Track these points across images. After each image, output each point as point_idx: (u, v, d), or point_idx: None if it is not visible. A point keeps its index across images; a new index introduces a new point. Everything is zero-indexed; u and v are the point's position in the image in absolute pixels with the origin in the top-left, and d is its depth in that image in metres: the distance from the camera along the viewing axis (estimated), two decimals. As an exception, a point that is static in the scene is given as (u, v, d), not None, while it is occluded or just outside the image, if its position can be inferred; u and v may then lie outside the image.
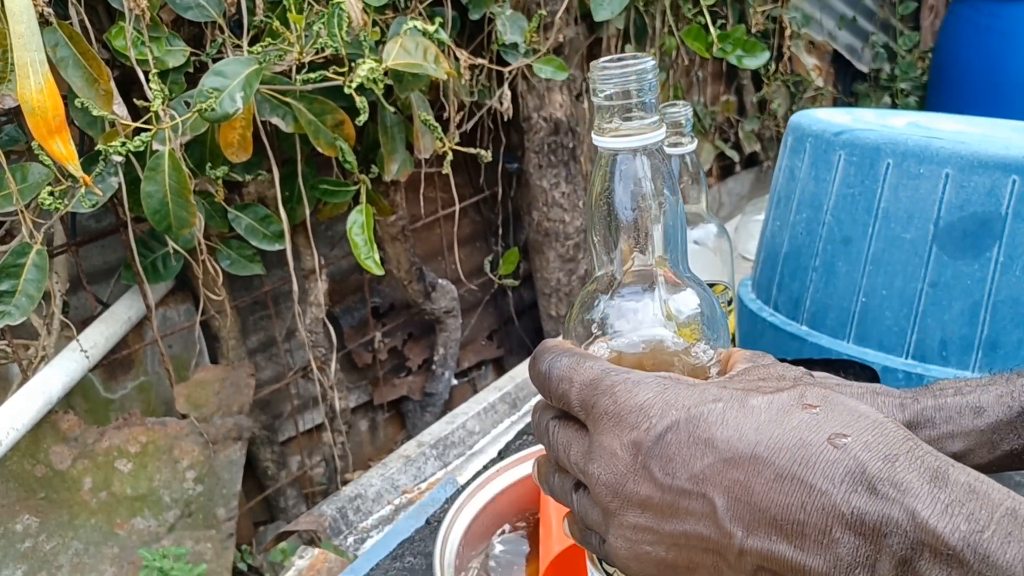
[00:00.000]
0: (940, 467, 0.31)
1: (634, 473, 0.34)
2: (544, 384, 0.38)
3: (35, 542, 1.26)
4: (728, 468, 0.32)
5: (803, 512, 0.31)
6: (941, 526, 0.29)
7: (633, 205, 0.38)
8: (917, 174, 0.73)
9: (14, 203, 1.07)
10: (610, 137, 0.37)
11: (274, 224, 1.31)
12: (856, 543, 0.30)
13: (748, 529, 0.32)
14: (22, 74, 0.97)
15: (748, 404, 0.33)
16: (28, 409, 1.15)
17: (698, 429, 0.33)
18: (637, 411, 0.34)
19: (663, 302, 0.39)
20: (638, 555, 0.35)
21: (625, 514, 0.35)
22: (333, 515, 0.93)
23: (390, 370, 1.78)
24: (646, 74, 0.35)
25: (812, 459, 0.31)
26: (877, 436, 0.32)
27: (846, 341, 0.79)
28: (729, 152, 2.25)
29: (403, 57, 1.18)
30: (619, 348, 0.39)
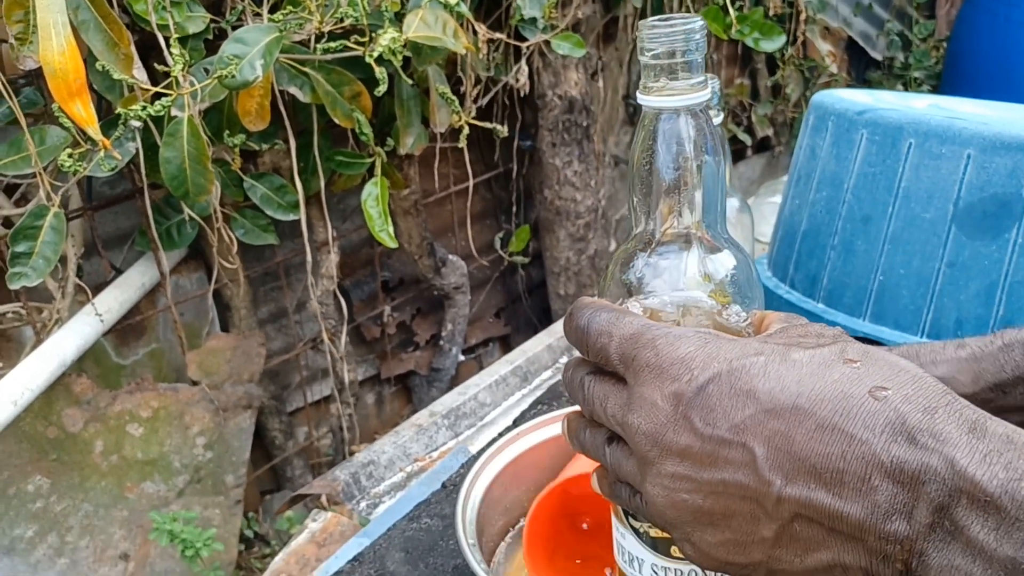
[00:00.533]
0: (978, 419, 0.31)
1: (674, 423, 0.35)
2: (582, 338, 0.39)
3: (46, 503, 1.27)
4: (769, 418, 0.33)
5: (843, 461, 0.32)
6: (979, 474, 0.29)
7: (675, 165, 0.38)
8: (939, 154, 0.74)
9: (33, 165, 1.08)
10: (655, 96, 0.37)
11: (289, 194, 1.32)
12: (894, 491, 0.31)
13: (787, 477, 0.33)
14: (44, 36, 0.97)
15: (790, 358, 0.34)
16: (42, 371, 1.16)
17: (740, 381, 0.34)
18: (679, 363, 0.35)
19: (701, 263, 0.40)
20: (675, 503, 0.35)
21: (664, 463, 0.35)
22: (346, 480, 0.94)
23: (398, 344, 1.79)
24: (694, 34, 0.36)
25: (853, 410, 0.32)
26: (917, 389, 0.32)
27: (862, 319, 0.80)
28: (742, 136, 2.24)
29: (423, 30, 1.18)
30: (654, 307, 0.40)
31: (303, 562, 0.88)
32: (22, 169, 1.10)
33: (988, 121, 0.74)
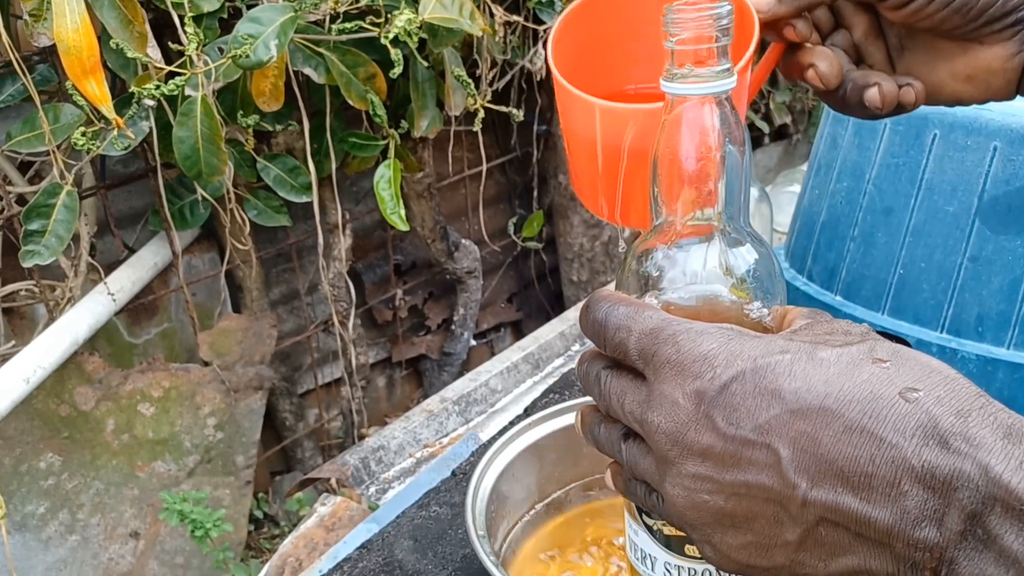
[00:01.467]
0: (1014, 423, 0.30)
1: (696, 422, 0.34)
2: (599, 332, 0.38)
3: (58, 480, 1.28)
4: (795, 419, 0.32)
5: (872, 464, 0.31)
6: (1015, 481, 0.28)
7: (698, 155, 0.37)
8: (964, 146, 0.72)
9: (46, 143, 1.08)
10: (679, 83, 0.36)
11: (302, 176, 1.31)
12: (925, 496, 0.30)
13: (813, 480, 0.32)
14: (59, 12, 0.97)
15: (817, 356, 0.33)
16: (54, 349, 1.16)
17: (764, 380, 0.33)
18: (701, 360, 0.34)
19: (722, 256, 0.39)
20: (695, 504, 0.35)
21: (684, 463, 0.34)
22: (356, 465, 0.94)
23: (409, 328, 1.79)
24: (722, 19, 0.35)
25: (883, 412, 0.31)
26: (949, 391, 0.31)
27: (881, 313, 0.79)
28: (759, 123, 2.22)
29: (439, 11, 1.17)
30: (674, 300, 0.39)
31: (311, 546, 0.88)
32: (36, 147, 1.09)
33: (1016, 113, 0.72)
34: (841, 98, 0.48)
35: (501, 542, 0.60)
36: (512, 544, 0.62)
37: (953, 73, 0.48)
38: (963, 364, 0.74)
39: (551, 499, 0.66)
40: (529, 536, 0.63)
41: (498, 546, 0.60)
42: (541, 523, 0.65)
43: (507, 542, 0.61)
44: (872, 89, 0.47)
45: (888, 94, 0.47)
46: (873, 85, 0.47)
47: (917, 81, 0.49)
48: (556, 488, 0.66)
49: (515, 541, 0.62)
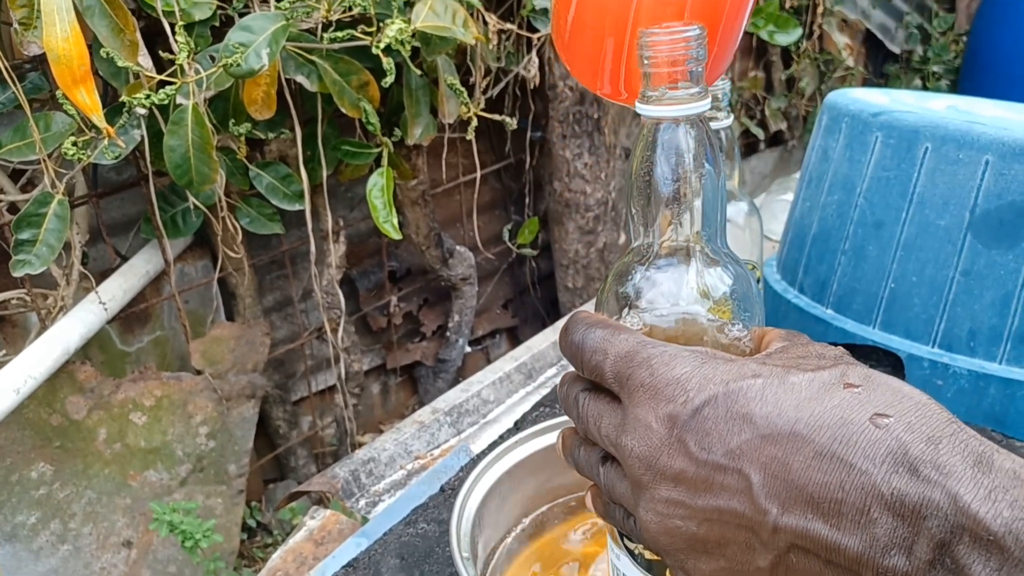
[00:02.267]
0: (985, 452, 0.30)
1: (669, 446, 0.33)
2: (576, 355, 0.38)
3: (49, 489, 1.27)
4: (766, 444, 0.32)
5: (841, 491, 0.30)
6: (983, 511, 0.28)
7: (674, 176, 0.37)
8: (956, 159, 0.72)
9: (37, 152, 1.07)
10: (654, 105, 0.36)
11: (295, 183, 1.30)
12: (894, 524, 0.30)
13: (784, 506, 0.31)
14: (48, 21, 0.96)
15: (788, 381, 0.33)
16: (46, 358, 1.15)
17: (736, 404, 0.33)
18: (674, 384, 0.34)
19: (699, 277, 0.38)
20: (668, 529, 0.34)
21: (657, 487, 0.34)
22: (346, 477, 0.93)
23: (404, 335, 1.78)
24: (694, 42, 0.34)
25: (853, 438, 0.31)
26: (920, 417, 0.31)
27: (872, 327, 0.78)
28: (755, 129, 2.22)
29: (432, 19, 1.16)
30: (652, 322, 0.38)
31: (300, 560, 0.87)
32: (27, 156, 1.09)
33: (1008, 126, 0.71)
34: None
35: (487, 560, 0.60)
36: (499, 562, 0.61)
37: None
38: (955, 379, 0.74)
39: (538, 515, 0.65)
40: (516, 554, 0.63)
41: (484, 565, 0.59)
42: (527, 541, 0.64)
43: (494, 560, 0.61)
44: None
45: None
46: None
47: None
48: (543, 504, 0.65)
49: (502, 559, 0.62)
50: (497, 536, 0.62)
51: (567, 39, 0.47)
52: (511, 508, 0.62)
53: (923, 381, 0.75)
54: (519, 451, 0.62)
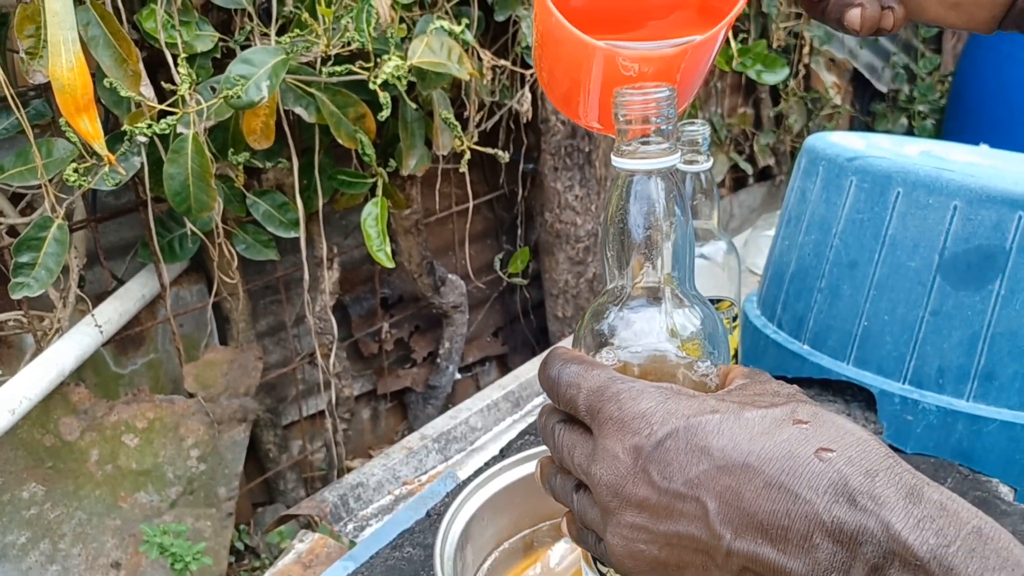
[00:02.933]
0: (916, 484, 0.33)
1: (634, 475, 0.36)
2: (553, 388, 0.40)
3: (40, 510, 1.28)
4: (721, 475, 0.35)
5: (788, 518, 0.33)
6: (912, 538, 0.31)
7: (646, 224, 0.40)
8: (926, 204, 0.75)
9: (39, 177, 1.10)
10: (628, 159, 0.39)
11: (291, 211, 1.33)
12: (834, 549, 0.32)
13: (736, 532, 0.34)
14: (54, 52, 0.99)
15: (743, 416, 0.36)
16: (41, 380, 1.17)
17: (695, 437, 0.35)
18: (640, 418, 0.37)
19: (669, 317, 0.41)
20: (633, 553, 0.37)
21: (623, 513, 0.37)
22: (334, 502, 0.95)
23: (395, 361, 1.80)
24: (663, 103, 0.37)
25: (799, 470, 0.33)
26: (861, 452, 0.34)
27: (846, 363, 0.81)
28: (743, 165, 2.26)
29: (428, 56, 1.20)
30: (625, 358, 0.41)
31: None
32: (28, 180, 1.11)
33: (976, 173, 0.75)
34: (822, 11, 0.49)
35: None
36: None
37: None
38: (924, 415, 0.76)
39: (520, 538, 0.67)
40: None
41: (465, 588, 0.61)
42: (510, 565, 0.66)
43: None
44: (855, 11, 0.48)
45: (869, 19, 0.48)
46: (857, 6, 0.48)
47: (900, 6, 0.49)
48: (525, 529, 0.68)
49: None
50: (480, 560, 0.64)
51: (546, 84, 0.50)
52: (495, 533, 0.64)
53: (894, 416, 0.78)
54: (503, 477, 0.64)
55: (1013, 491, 0.75)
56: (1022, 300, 0.72)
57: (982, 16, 0.49)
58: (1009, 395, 0.74)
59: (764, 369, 0.85)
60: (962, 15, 0.49)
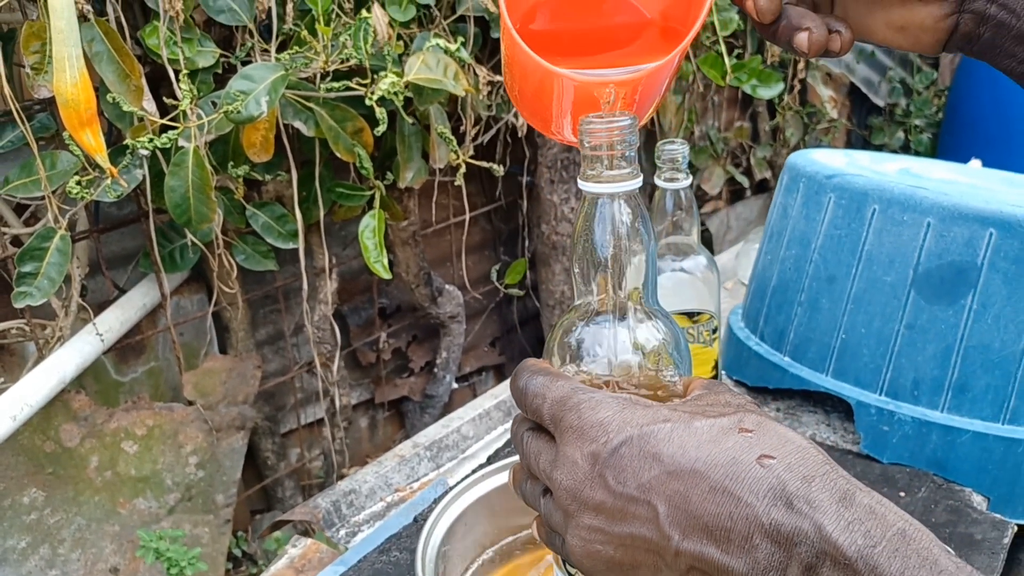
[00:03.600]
0: (849, 489, 0.35)
1: (591, 480, 0.39)
2: (521, 399, 0.43)
3: (40, 515, 1.30)
4: (671, 480, 0.37)
5: (730, 520, 0.35)
6: (842, 539, 0.33)
7: (611, 243, 0.42)
8: (901, 221, 0.77)
9: (43, 189, 1.12)
10: (593, 183, 0.41)
11: (290, 223, 1.36)
12: (772, 549, 0.34)
13: (684, 533, 0.36)
14: (59, 67, 1.02)
15: (692, 425, 0.38)
16: (42, 387, 1.20)
17: (648, 445, 0.38)
18: (598, 426, 0.39)
19: (632, 332, 0.43)
20: (590, 553, 0.39)
21: (582, 516, 0.39)
22: (327, 508, 0.97)
23: (393, 370, 1.82)
24: (626, 131, 0.40)
25: (741, 475, 0.36)
26: (800, 459, 0.36)
27: (825, 374, 0.83)
28: (739, 177, 2.28)
29: (424, 72, 1.23)
30: (590, 370, 0.43)
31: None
32: (32, 192, 1.14)
33: (949, 191, 0.77)
34: (773, 33, 0.51)
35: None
36: (462, 589, 0.65)
37: (888, 22, 0.51)
38: (900, 425, 0.78)
39: (501, 546, 0.69)
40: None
41: (448, 591, 0.63)
42: (491, 570, 0.68)
43: (457, 587, 0.65)
44: (802, 34, 0.50)
45: (816, 42, 0.50)
46: (804, 30, 0.50)
47: (847, 30, 0.51)
48: (507, 535, 0.70)
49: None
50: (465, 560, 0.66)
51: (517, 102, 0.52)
52: (477, 536, 0.66)
53: (871, 427, 0.80)
54: (488, 483, 0.66)
55: (986, 500, 0.77)
56: (994, 314, 0.74)
57: (927, 40, 0.51)
58: (982, 406, 0.76)
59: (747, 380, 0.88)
60: (908, 38, 0.51)
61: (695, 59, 1.88)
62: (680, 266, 0.74)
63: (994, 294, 0.74)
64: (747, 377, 0.91)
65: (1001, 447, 0.75)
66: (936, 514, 0.74)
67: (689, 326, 0.74)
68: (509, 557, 0.70)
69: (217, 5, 1.17)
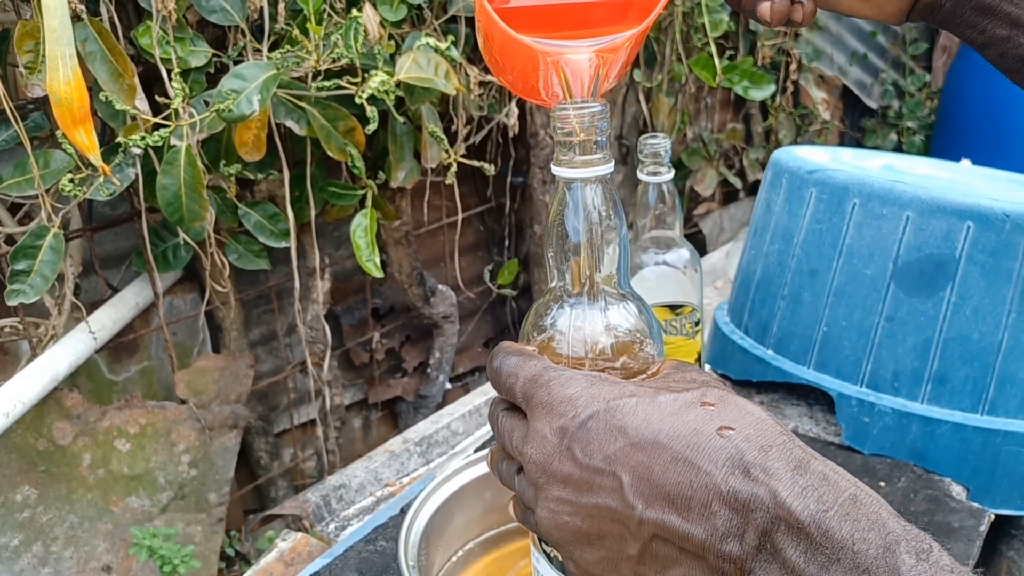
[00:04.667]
0: (804, 458, 0.36)
1: (559, 453, 0.40)
2: (496, 378, 0.44)
3: (33, 513, 1.31)
4: (634, 451, 0.38)
5: (690, 489, 0.36)
6: (795, 505, 0.34)
7: (583, 227, 0.43)
8: (880, 214, 0.78)
9: (36, 187, 1.13)
10: (566, 168, 0.42)
11: (282, 222, 1.37)
12: (730, 516, 0.36)
13: (647, 502, 0.37)
14: (52, 66, 1.03)
15: (657, 399, 0.39)
16: (35, 385, 1.20)
17: (614, 418, 0.39)
18: (566, 402, 0.40)
19: (604, 313, 0.44)
20: (559, 524, 0.40)
21: (550, 488, 0.40)
22: (317, 502, 0.98)
23: (386, 370, 1.83)
24: (596, 116, 0.41)
25: (701, 446, 0.37)
26: (758, 430, 0.37)
27: (807, 367, 0.84)
28: (732, 179, 2.29)
29: (415, 71, 1.24)
30: (563, 352, 0.44)
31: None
32: (26, 191, 1.15)
33: (928, 185, 0.78)
34: (738, 2, 0.53)
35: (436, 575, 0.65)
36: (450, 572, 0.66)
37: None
38: (880, 416, 0.79)
39: (487, 536, 0.70)
40: (463, 570, 0.68)
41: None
42: (476, 558, 0.69)
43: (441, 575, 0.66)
44: (765, 4, 0.52)
45: (778, 11, 0.52)
46: (767, 0, 0.52)
47: (810, 1, 0.52)
48: (492, 525, 0.70)
49: (449, 574, 0.66)
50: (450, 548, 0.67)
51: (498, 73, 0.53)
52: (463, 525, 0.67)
53: (852, 418, 0.81)
54: (470, 471, 0.67)
55: (965, 490, 0.78)
56: (972, 307, 0.75)
57: (890, 9, 0.52)
58: (961, 398, 0.77)
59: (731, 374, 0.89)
60: (872, 7, 0.53)
61: (687, 61, 1.90)
62: (663, 259, 0.75)
63: (972, 286, 0.75)
64: (731, 371, 0.92)
65: (980, 438, 0.76)
66: (915, 503, 0.75)
67: (671, 318, 0.75)
68: (495, 545, 0.71)
69: (209, 5, 1.18)
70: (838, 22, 2.52)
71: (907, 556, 0.32)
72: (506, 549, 0.71)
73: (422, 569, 0.59)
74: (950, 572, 0.32)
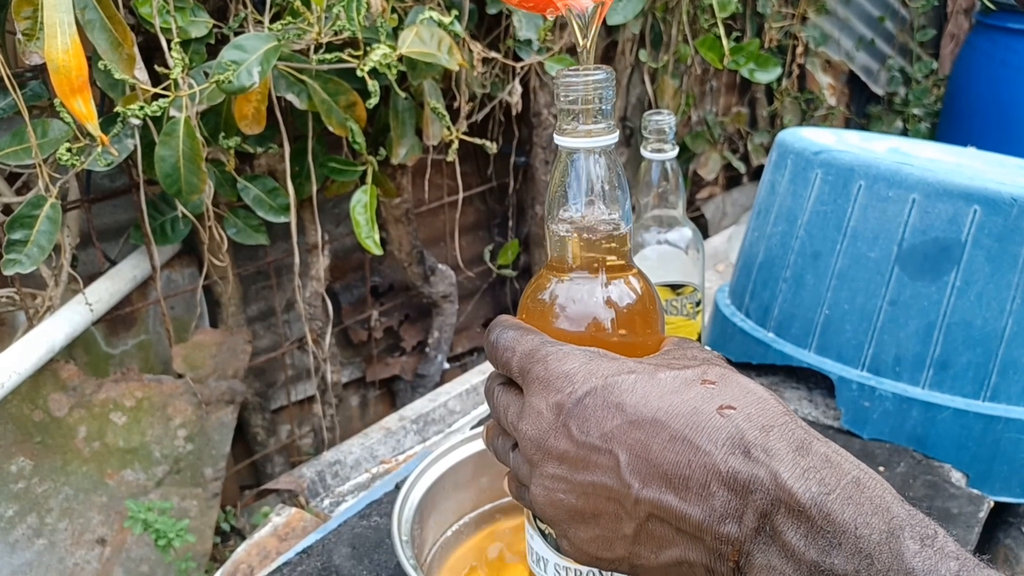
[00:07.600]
0: (806, 439, 0.35)
1: (555, 430, 0.39)
2: (492, 353, 0.43)
3: (28, 484, 1.31)
4: (632, 429, 0.37)
5: (689, 468, 0.35)
6: (796, 487, 0.33)
7: (586, 199, 0.42)
8: (886, 197, 0.77)
9: (33, 156, 1.12)
10: (568, 137, 0.41)
11: (281, 197, 1.35)
12: (728, 497, 0.35)
13: (644, 481, 0.36)
14: (50, 34, 1.01)
15: (656, 377, 0.38)
16: (31, 355, 1.20)
17: (611, 395, 0.38)
18: (563, 377, 0.39)
19: (605, 288, 0.43)
20: (553, 502, 0.39)
21: (545, 465, 0.39)
22: (312, 478, 0.98)
23: (384, 349, 1.83)
24: (601, 84, 0.40)
25: (701, 425, 0.36)
26: (759, 410, 0.36)
27: (808, 350, 0.83)
28: (736, 163, 2.28)
29: (417, 46, 1.22)
30: (562, 326, 0.43)
31: (264, 553, 0.91)
32: (23, 160, 1.14)
33: (934, 168, 0.77)
34: None
35: (429, 550, 0.64)
36: (440, 552, 0.66)
37: None
38: (880, 401, 0.79)
39: (481, 511, 0.69)
40: (457, 546, 0.67)
41: (426, 553, 0.64)
42: (470, 534, 0.69)
43: (434, 550, 0.65)
44: None
45: None
46: None
47: None
48: (487, 502, 0.70)
49: (443, 550, 0.66)
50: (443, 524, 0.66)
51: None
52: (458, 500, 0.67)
53: (852, 402, 0.80)
54: (465, 448, 0.67)
55: (965, 476, 0.77)
56: (976, 291, 0.74)
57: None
58: (963, 383, 0.76)
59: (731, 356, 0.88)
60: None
61: (693, 42, 1.88)
62: (665, 238, 0.75)
63: (977, 271, 0.74)
64: (731, 353, 0.91)
65: (981, 424, 0.76)
66: (914, 488, 0.74)
67: (672, 298, 0.74)
68: (489, 521, 0.70)
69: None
70: (846, 6, 2.49)
71: (911, 542, 0.32)
72: (500, 526, 0.70)
73: (416, 544, 0.59)
74: (955, 558, 0.31)
